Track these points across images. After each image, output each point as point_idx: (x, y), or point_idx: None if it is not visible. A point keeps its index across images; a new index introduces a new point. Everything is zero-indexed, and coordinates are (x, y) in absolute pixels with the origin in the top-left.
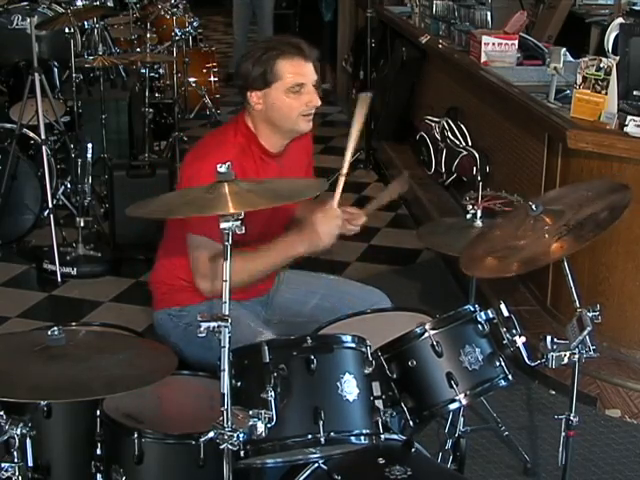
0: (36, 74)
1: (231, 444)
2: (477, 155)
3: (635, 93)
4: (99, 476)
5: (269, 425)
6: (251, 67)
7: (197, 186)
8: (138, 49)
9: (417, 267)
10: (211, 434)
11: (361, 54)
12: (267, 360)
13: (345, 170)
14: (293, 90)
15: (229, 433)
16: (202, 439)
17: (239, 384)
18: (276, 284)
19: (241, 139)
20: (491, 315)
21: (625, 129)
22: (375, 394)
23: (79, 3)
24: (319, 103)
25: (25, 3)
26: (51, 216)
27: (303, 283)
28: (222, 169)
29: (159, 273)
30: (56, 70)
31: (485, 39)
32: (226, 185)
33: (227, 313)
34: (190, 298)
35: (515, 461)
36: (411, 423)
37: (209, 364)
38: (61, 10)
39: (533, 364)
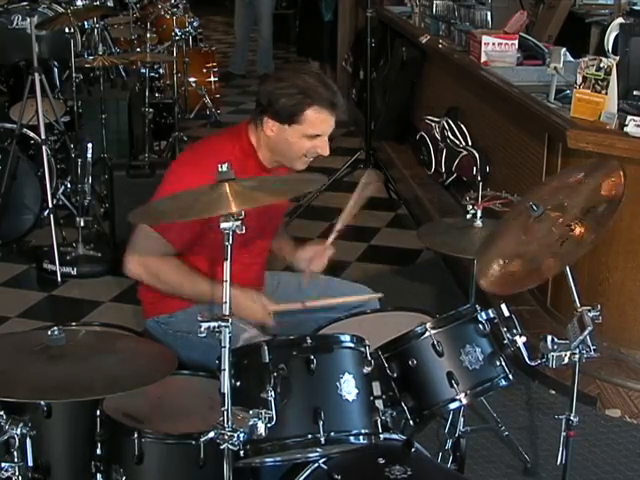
0: (36, 74)
1: (231, 444)
2: (477, 155)
3: (635, 93)
4: (99, 476)
5: (269, 425)
6: (280, 98)
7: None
8: (138, 49)
9: (417, 267)
10: (211, 434)
11: (361, 54)
12: (267, 360)
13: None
14: (309, 136)
15: (229, 433)
16: (202, 439)
17: (238, 384)
18: (269, 286)
19: (238, 153)
20: (491, 315)
21: (625, 129)
22: (375, 394)
23: (79, 3)
24: (327, 154)
25: (25, 3)
26: (51, 216)
27: (297, 284)
28: (222, 169)
29: (143, 283)
30: (56, 70)
31: (485, 39)
32: (227, 185)
33: (227, 313)
34: (177, 305)
35: (515, 461)
36: (411, 423)
37: (204, 368)
38: (61, 10)
39: (533, 364)
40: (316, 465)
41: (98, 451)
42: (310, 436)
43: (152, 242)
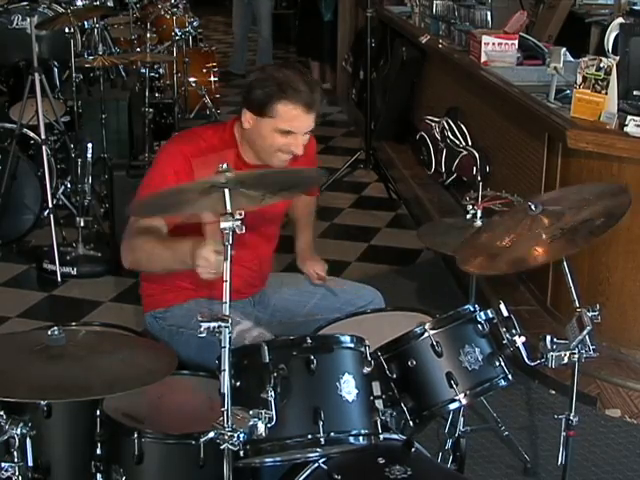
0: (36, 74)
1: (231, 444)
2: (477, 155)
3: (635, 93)
4: (99, 476)
5: (269, 425)
6: (256, 89)
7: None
8: (138, 49)
9: (417, 267)
10: (211, 434)
11: (361, 54)
12: (267, 360)
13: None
14: (281, 132)
15: (229, 433)
16: (202, 439)
17: (238, 384)
18: (273, 286)
19: (217, 142)
20: (491, 315)
21: (625, 129)
22: (375, 394)
23: (79, 3)
24: (300, 153)
25: (25, 3)
26: (51, 216)
27: (301, 284)
28: (222, 168)
29: (143, 276)
30: (56, 70)
31: (485, 39)
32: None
33: (227, 313)
34: (173, 299)
35: (515, 461)
36: (411, 423)
37: (200, 364)
38: (61, 10)
39: (533, 364)
40: (316, 465)
41: (98, 451)
42: (310, 436)
43: (142, 222)
